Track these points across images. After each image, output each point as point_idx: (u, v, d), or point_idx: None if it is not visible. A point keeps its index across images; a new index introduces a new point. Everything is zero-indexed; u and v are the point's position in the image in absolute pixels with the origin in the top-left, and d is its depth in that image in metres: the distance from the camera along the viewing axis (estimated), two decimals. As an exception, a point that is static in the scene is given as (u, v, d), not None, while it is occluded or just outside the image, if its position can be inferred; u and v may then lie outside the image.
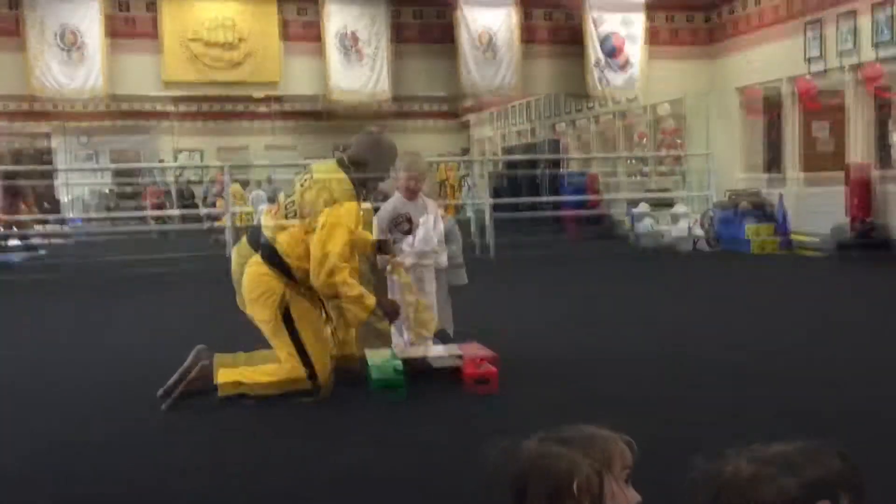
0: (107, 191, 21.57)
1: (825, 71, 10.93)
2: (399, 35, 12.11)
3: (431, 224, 4.36)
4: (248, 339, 4.12)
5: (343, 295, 3.76)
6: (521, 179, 18.71)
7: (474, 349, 4.12)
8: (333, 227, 3.76)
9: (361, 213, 4.10)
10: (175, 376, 3.75)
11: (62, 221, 15.92)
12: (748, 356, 4.38)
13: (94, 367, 4.57)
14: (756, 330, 5.26)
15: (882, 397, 3.53)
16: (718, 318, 5.92)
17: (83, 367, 4.60)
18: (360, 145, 4.06)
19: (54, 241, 13.83)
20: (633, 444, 1.27)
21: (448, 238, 4.50)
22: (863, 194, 9.68)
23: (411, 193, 4.32)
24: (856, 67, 10.24)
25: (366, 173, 4.01)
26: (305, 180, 3.93)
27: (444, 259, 4.46)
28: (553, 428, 1.29)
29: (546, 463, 1.23)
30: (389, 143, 4.14)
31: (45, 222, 15.62)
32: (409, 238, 4.27)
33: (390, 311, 3.97)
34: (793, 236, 11.01)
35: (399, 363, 3.93)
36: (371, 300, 3.84)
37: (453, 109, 24.73)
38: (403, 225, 4.26)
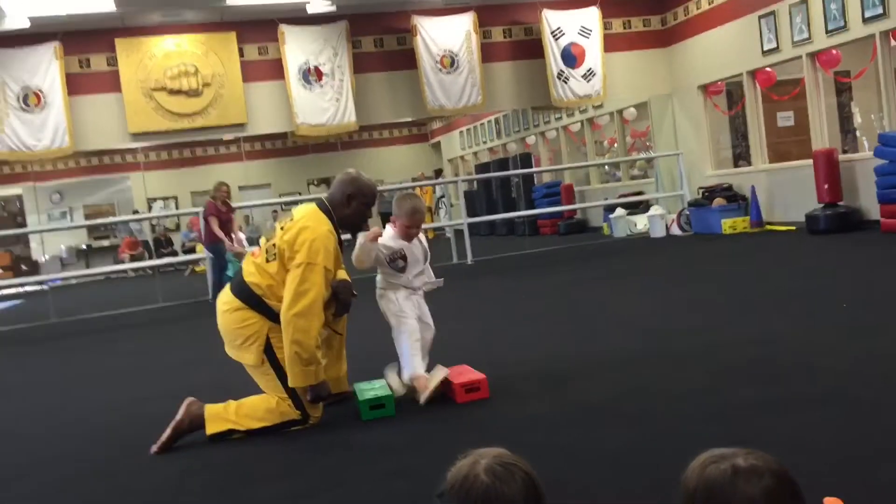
0: (83, 247, 21.47)
1: (783, 62, 11.11)
2: (361, 65, 12.19)
3: (421, 255, 4.31)
4: (238, 384, 4.11)
5: (300, 345, 3.69)
6: (497, 195, 18.83)
7: (464, 372, 4.14)
8: (312, 266, 3.77)
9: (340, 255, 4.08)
10: (168, 431, 3.73)
11: (40, 283, 15.79)
12: (735, 349, 4.39)
13: (81, 421, 4.53)
14: (740, 317, 5.27)
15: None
16: (700, 304, 5.94)
17: (69, 421, 4.56)
18: (338, 186, 4.05)
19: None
20: None
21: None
22: (831, 179, 9.80)
23: (408, 238, 4.27)
24: (812, 56, 10.42)
25: (345, 214, 4.02)
26: (286, 224, 3.94)
27: (440, 281, 4.44)
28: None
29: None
30: (368, 182, 4.11)
31: (22, 286, 15.50)
32: (404, 276, 4.23)
33: (315, 399, 3.84)
34: (767, 227, 11.13)
35: (386, 386, 4.03)
36: (320, 375, 3.79)
37: (423, 132, 24.87)
38: (398, 262, 4.24)
